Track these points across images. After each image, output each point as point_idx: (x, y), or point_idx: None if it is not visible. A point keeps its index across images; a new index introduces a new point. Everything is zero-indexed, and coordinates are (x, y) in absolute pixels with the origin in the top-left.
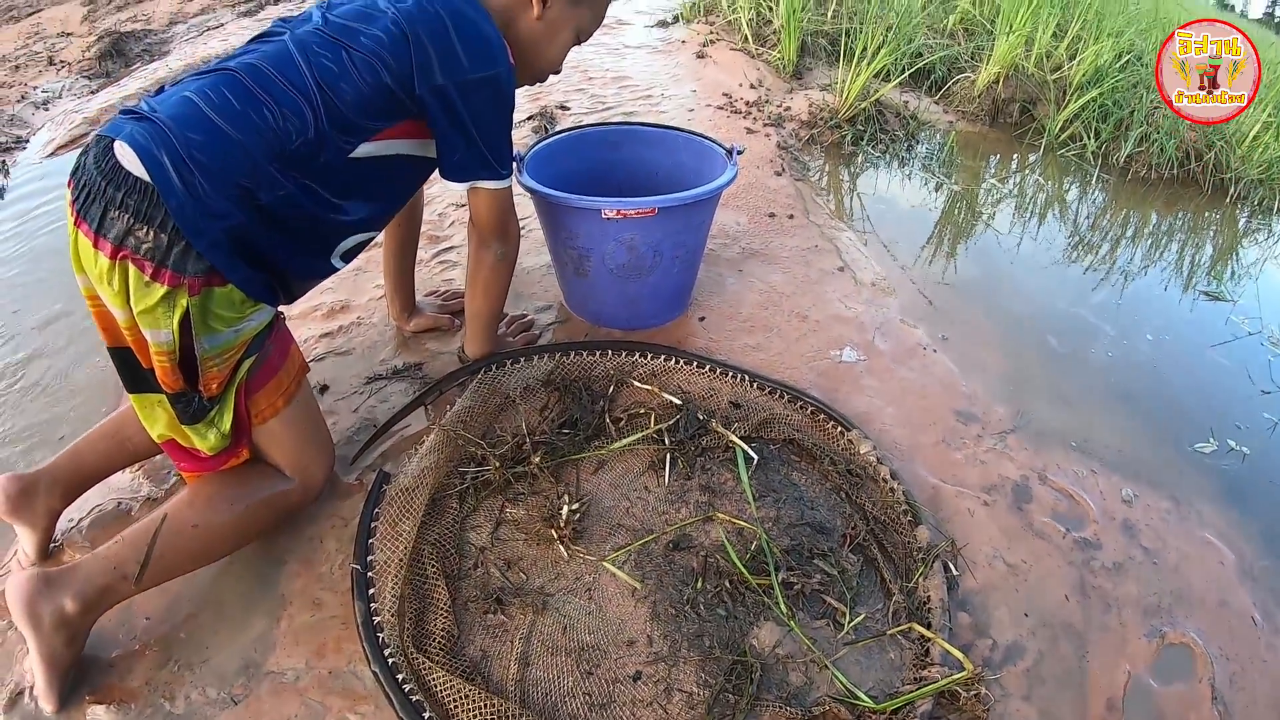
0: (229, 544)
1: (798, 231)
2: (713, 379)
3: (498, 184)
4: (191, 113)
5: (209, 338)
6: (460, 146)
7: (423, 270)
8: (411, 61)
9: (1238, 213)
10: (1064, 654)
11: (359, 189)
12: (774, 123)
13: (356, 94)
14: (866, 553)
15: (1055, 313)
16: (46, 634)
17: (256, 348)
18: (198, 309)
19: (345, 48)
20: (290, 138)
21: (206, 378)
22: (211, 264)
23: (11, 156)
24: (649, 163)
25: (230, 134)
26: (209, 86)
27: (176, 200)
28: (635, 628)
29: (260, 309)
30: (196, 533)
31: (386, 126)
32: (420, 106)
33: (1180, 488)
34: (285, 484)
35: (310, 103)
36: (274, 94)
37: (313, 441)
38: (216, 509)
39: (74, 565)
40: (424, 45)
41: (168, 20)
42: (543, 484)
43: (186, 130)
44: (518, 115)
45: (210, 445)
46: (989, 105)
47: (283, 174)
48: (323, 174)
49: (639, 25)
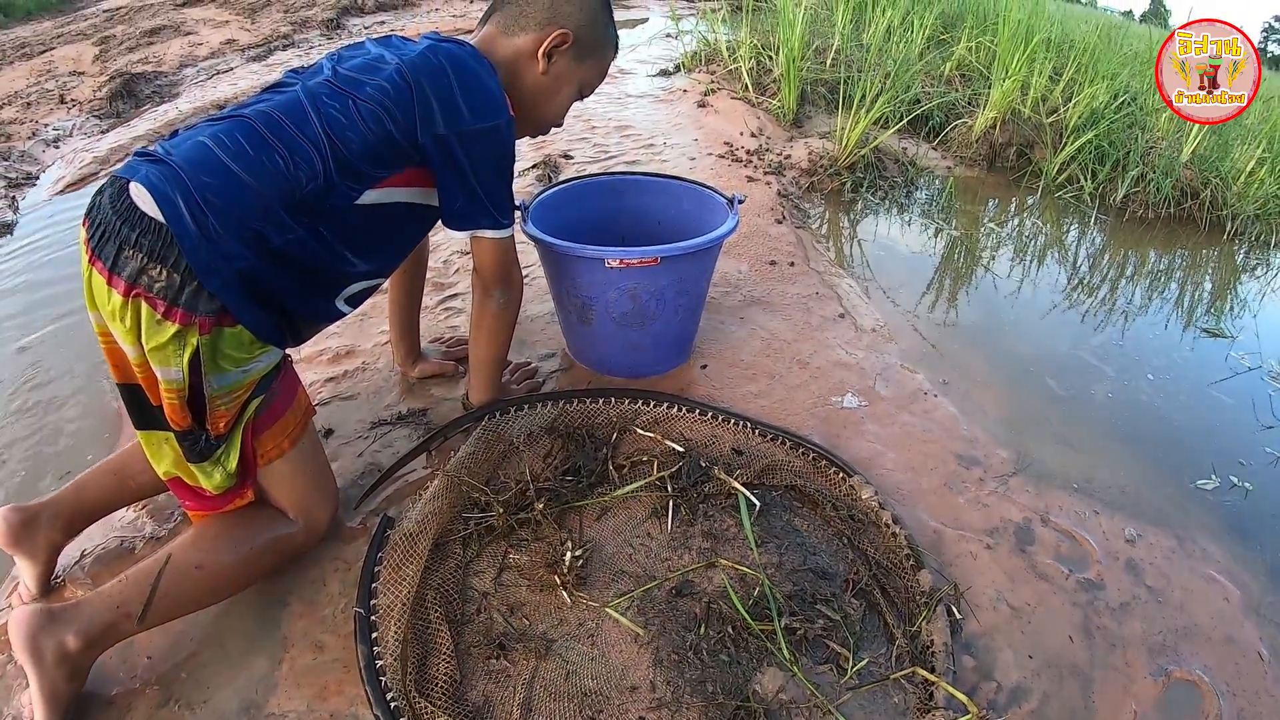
0: (233, 585)
1: (799, 279)
2: (715, 426)
3: (499, 233)
4: (206, 157)
5: (218, 377)
6: (461, 196)
7: (428, 317)
8: (415, 111)
9: (1235, 249)
10: (1069, 695)
11: (364, 235)
12: (774, 170)
13: (363, 142)
14: (869, 597)
15: (1055, 355)
16: (48, 669)
17: (264, 388)
18: (208, 348)
19: (352, 98)
20: (301, 184)
21: (214, 416)
22: (223, 304)
23: (22, 193)
24: (652, 211)
25: (244, 178)
26: (223, 132)
27: (190, 241)
28: (638, 674)
29: (269, 350)
30: (200, 574)
31: (391, 174)
32: (423, 155)
33: (1183, 525)
34: (289, 527)
35: (319, 151)
36: (286, 141)
37: (317, 485)
38: (221, 550)
39: (78, 602)
40: (426, 95)
41: (178, 63)
42: (546, 530)
43: (200, 173)
44: (521, 164)
45: (216, 484)
46: (986, 150)
47: (293, 218)
48: (330, 219)
49: (641, 74)
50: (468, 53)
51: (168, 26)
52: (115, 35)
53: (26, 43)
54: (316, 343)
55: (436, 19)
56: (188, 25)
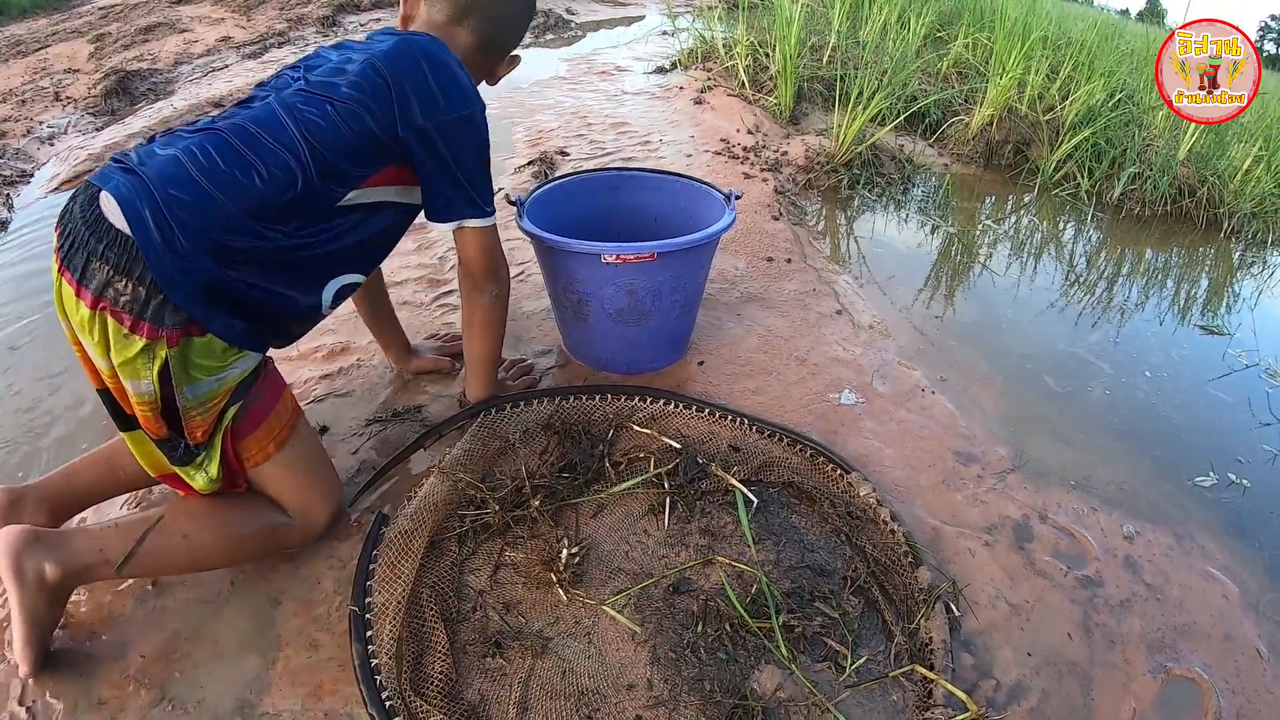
0: (216, 562)
1: (795, 275)
2: (712, 423)
3: (483, 222)
4: (176, 172)
5: (190, 387)
6: (445, 187)
7: (423, 314)
8: (393, 104)
9: (1232, 247)
10: (1068, 693)
11: (346, 236)
12: (771, 167)
13: (343, 143)
14: (867, 595)
15: (1053, 352)
16: (29, 590)
17: (241, 394)
18: (177, 359)
19: (329, 101)
20: (278, 194)
21: (190, 426)
22: (189, 315)
23: (16, 190)
24: (648, 208)
25: (214, 193)
26: (195, 145)
27: (154, 253)
28: (635, 672)
29: (244, 356)
30: (185, 543)
31: (372, 173)
32: (404, 149)
33: (1182, 522)
34: (286, 520)
35: (298, 158)
36: (260, 152)
37: (313, 485)
38: (211, 528)
39: (65, 533)
40: (403, 87)
41: (173, 60)
42: (542, 528)
43: (169, 187)
44: (517, 160)
45: (202, 486)
46: (983, 147)
47: (268, 226)
48: (312, 223)
49: (638, 71)
50: (437, 44)
51: (163, 24)
52: (110, 33)
53: (21, 40)
54: (311, 339)
55: None
56: (183, 23)
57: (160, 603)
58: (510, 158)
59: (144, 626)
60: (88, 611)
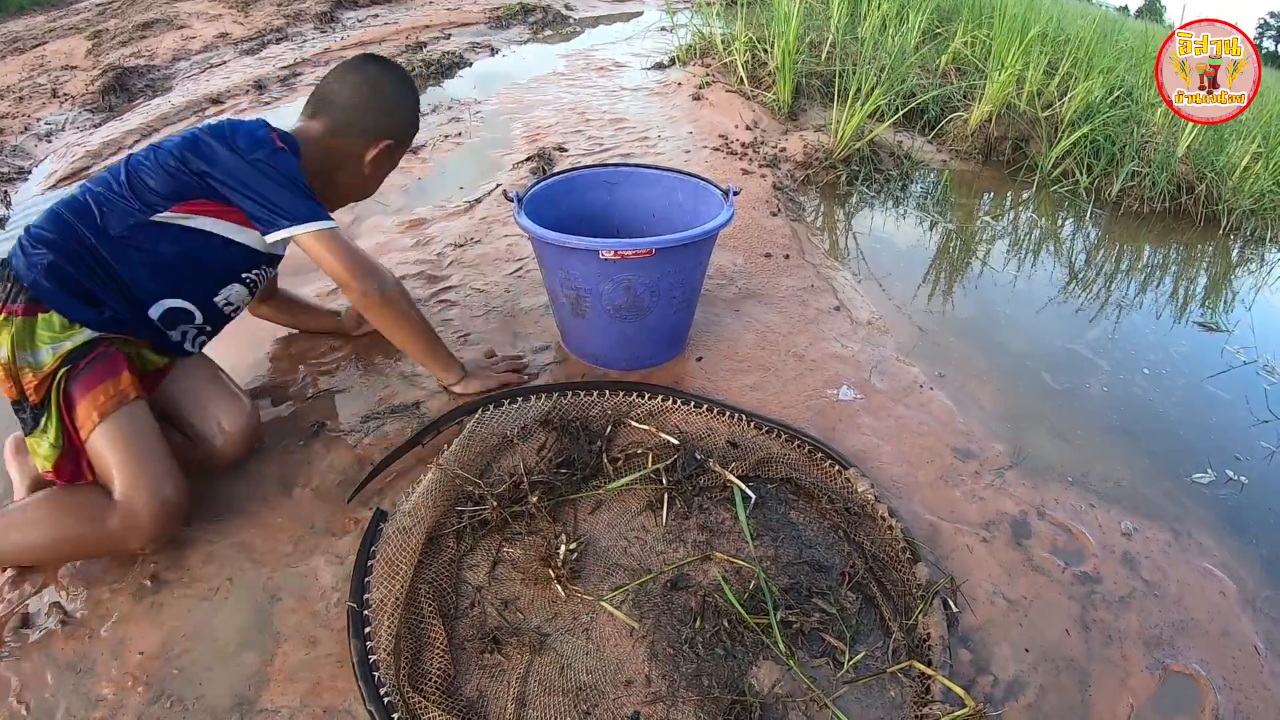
0: (43, 560)
1: (794, 271)
2: (710, 419)
3: (312, 226)
4: (47, 212)
5: (32, 353)
6: (250, 204)
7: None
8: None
9: (1230, 243)
10: (1066, 688)
11: (158, 255)
12: (770, 163)
13: (156, 172)
14: (865, 591)
15: (1051, 348)
16: None
17: (71, 360)
18: (23, 328)
19: (156, 148)
20: (104, 210)
21: (24, 382)
22: (35, 297)
23: (14, 187)
24: (646, 204)
25: (63, 215)
26: (68, 194)
27: (15, 259)
28: (633, 667)
29: (80, 331)
30: (13, 538)
31: (181, 202)
32: (205, 183)
33: (1180, 519)
34: (106, 521)
35: (119, 184)
36: (102, 184)
37: (139, 470)
38: (36, 525)
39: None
40: (210, 140)
41: (171, 57)
42: (540, 523)
43: (35, 223)
44: (516, 156)
45: (44, 456)
46: (981, 143)
47: (105, 240)
48: (131, 239)
49: (636, 67)
50: (256, 121)
51: (160, 20)
52: (108, 29)
53: (19, 37)
54: (311, 335)
55: (430, 11)
56: (180, 19)
57: (158, 599)
58: (508, 154)
59: (142, 623)
60: (85, 609)
